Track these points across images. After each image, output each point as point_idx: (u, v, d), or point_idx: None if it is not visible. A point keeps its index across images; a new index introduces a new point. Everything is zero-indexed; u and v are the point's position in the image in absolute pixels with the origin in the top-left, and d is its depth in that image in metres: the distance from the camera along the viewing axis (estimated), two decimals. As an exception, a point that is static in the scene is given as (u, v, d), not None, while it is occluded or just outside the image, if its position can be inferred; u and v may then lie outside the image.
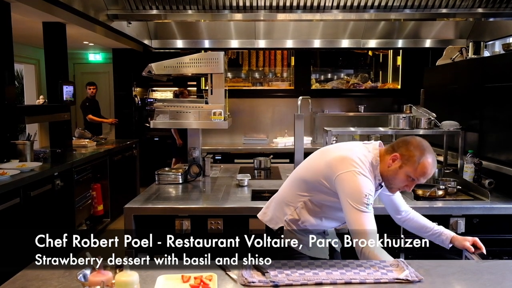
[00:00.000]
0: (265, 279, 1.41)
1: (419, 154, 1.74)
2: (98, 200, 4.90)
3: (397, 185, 1.80)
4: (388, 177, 1.80)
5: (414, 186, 1.79)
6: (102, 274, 1.10)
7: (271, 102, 5.74)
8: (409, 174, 1.75)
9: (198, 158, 3.12)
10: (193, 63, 2.91)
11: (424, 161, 1.73)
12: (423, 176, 1.74)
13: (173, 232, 2.41)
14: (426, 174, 1.74)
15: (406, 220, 2.00)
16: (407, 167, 1.75)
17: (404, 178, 1.77)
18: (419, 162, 1.73)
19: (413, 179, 1.76)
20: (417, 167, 1.73)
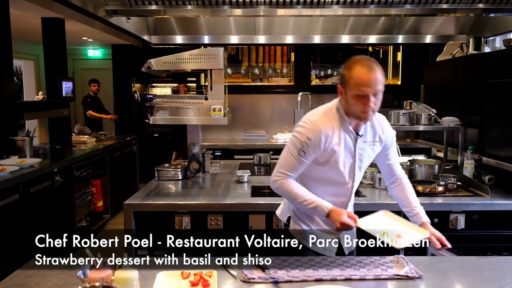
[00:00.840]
0: (265, 275, 1.41)
1: (348, 68, 1.70)
2: (98, 196, 4.90)
3: (357, 111, 1.71)
4: (349, 110, 1.75)
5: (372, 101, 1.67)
6: (101, 271, 1.10)
7: (271, 98, 5.73)
8: (352, 93, 1.69)
9: (197, 154, 3.11)
10: (192, 59, 2.90)
11: (354, 71, 1.67)
12: (362, 85, 1.65)
13: (173, 228, 2.41)
14: (363, 79, 1.65)
15: (397, 186, 1.95)
16: (347, 88, 1.70)
17: (354, 101, 1.70)
18: (350, 76, 1.68)
19: (358, 94, 1.67)
20: (351, 81, 1.68)
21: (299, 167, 1.81)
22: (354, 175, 1.85)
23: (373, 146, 1.86)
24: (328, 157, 1.80)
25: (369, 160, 1.89)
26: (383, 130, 1.88)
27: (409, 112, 3.02)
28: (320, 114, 1.82)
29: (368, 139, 1.86)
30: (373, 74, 1.66)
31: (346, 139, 1.80)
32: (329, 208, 1.73)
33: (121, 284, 1.00)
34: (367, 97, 1.67)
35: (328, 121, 1.79)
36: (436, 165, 2.82)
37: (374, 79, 1.66)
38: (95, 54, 8.88)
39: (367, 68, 1.67)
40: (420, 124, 3.00)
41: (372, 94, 1.66)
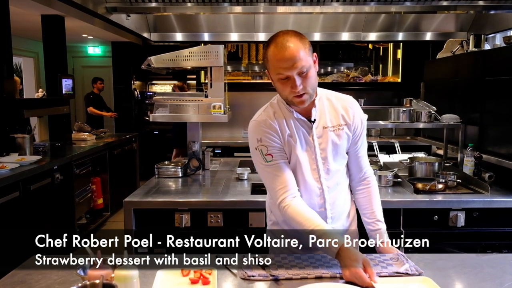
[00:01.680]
0: (265, 273, 1.41)
1: (265, 49, 1.49)
2: (97, 194, 4.91)
3: (288, 96, 1.50)
4: (281, 96, 1.57)
5: (298, 82, 1.44)
6: (101, 268, 1.10)
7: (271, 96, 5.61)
8: (274, 76, 1.48)
9: (197, 152, 3.11)
10: (192, 56, 2.89)
11: (269, 52, 1.46)
12: (279, 67, 1.43)
13: (173, 226, 2.42)
14: (277, 60, 1.43)
15: (364, 190, 1.69)
16: (270, 73, 1.50)
17: (280, 86, 1.49)
18: (267, 58, 1.47)
19: (280, 78, 1.46)
20: (270, 64, 1.47)
21: (283, 173, 1.56)
22: (318, 168, 1.60)
23: (340, 131, 1.60)
24: (288, 152, 1.60)
25: (339, 149, 1.62)
26: (348, 111, 1.62)
27: (409, 110, 3.02)
28: (258, 113, 1.67)
29: (329, 124, 1.60)
30: (287, 52, 1.42)
31: (299, 129, 1.59)
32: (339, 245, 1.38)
33: (121, 282, 1.00)
34: (291, 79, 1.44)
35: (269, 114, 1.61)
36: (436, 163, 2.82)
37: (290, 56, 1.41)
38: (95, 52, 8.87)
39: (280, 46, 1.43)
40: (420, 121, 3.00)
41: (296, 73, 1.43)
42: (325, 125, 1.60)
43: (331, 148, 1.60)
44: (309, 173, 1.61)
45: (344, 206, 1.71)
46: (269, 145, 1.57)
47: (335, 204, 1.66)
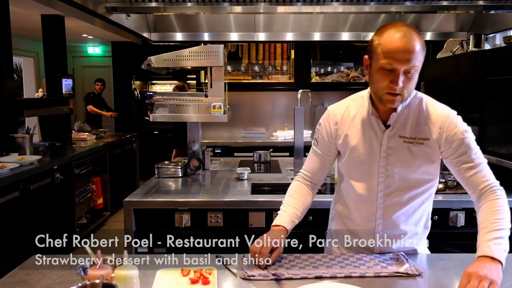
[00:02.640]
0: (266, 273, 1.41)
1: (378, 33, 1.36)
2: (97, 194, 4.91)
3: (380, 90, 1.36)
4: (372, 89, 1.43)
5: (401, 79, 1.32)
6: (101, 268, 1.10)
7: (271, 96, 5.73)
8: (378, 64, 1.34)
9: (197, 152, 3.11)
10: (192, 56, 2.89)
11: (384, 35, 1.33)
12: (391, 54, 1.30)
13: (173, 226, 2.42)
14: (393, 47, 1.30)
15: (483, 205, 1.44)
16: (373, 58, 1.37)
17: (379, 76, 1.35)
18: (379, 42, 1.34)
19: (385, 68, 1.33)
20: (379, 49, 1.33)
21: (314, 161, 1.64)
22: (379, 178, 1.49)
23: (416, 146, 1.44)
24: (344, 149, 1.54)
25: (407, 164, 1.46)
26: (435, 125, 1.44)
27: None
28: (346, 98, 1.61)
29: (407, 134, 1.45)
30: (408, 43, 1.29)
31: (368, 130, 1.48)
32: (273, 224, 1.57)
33: (121, 282, 1.00)
34: (396, 73, 1.32)
35: (344, 105, 1.56)
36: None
37: (409, 48, 1.29)
38: (95, 51, 8.88)
39: (402, 34, 1.30)
40: (420, 121, 3.00)
41: (403, 70, 1.31)
42: (402, 134, 1.46)
43: (400, 161, 1.46)
44: (366, 180, 1.52)
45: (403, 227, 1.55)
46: (320, 133, 1.60)
47: (389, 222, 1.53)
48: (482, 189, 1.44)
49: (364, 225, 1.57)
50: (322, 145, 1.61)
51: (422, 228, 1.61)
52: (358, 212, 1.58)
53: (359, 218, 1.59)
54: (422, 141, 1.44)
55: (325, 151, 1.61)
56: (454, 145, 1.43)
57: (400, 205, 1.53)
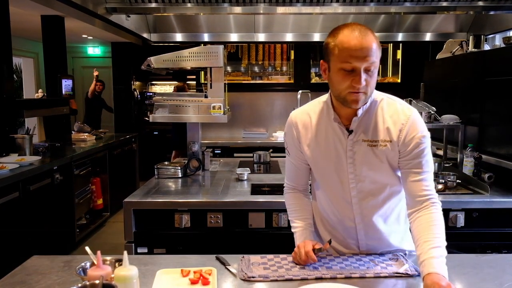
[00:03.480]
0: (265, 274, 1.41)
1: (332, 35, 1.34)
2: (97, 194, 4.91)
3: (343, 91, 1.34)
4: (333, 92, 1.40)
5: (362, 78, 1.30)
6: (101, 269, 1.10)
7: (270, 96, 5.73)
8: (337, 66, 1.32)
9: (197, 152, 3.11)
10: (192, 57, 2.90)
11: (340, 36, 1.31)
12: (350, 54, 1.28)
13: (173, 226, 2.42)
14: (351, 46, 1.28)
15: (414, 217, 1.42)
16: (331, 60, 1.34)
17: (339, 77, 1.33)
18: (335, 43, 1.31)
19: (344, 68, 1.31)
20: (336, 50, 1.31)
21: (293, 171, 1.64)
22: (349, 184, 1.49)
23: (377, 148, 1.43)
24: (310, 157, 1.53)
25: (374, 167, 1.45)
26: (396, 126, 1.42)
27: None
28: (308, 103, 1.58)
29: (369, 137, 1.43)
30: (365, 40, 1.29)
31: (332, 136, 1.47)
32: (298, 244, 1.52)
33: (121, 282, 1.00)
34: (357, 72, 1.30)
35: (304, 112, 1.53)
36: (436, 163, 2.82)
37: (366, 46, 1.28)
38: (94, 52, 8.88)
39: (358, 32, 1.29)
40: (420, 122, 3.00)
41: (364, 68, 1.29)
42: (365, 138, 1.44)
43: (365, 165, 1.45)
44: (338, 186, 1.52)
45: (384, 227, 1.56)
46: (288, 142, 1.59)
47: (369, 224, 1.54)
48: (421, 198, 1.41)
49: (345, 230, 1.59)
50: (293, 155, 1.59)
51: (403, 224, 1.61)
52: (336, 218, 1.59)
53: (338, 224, 1.59)
54: (385, 143, 1.42)
55: (299, 160, 1.59)
56: (409, 148, 1.41)
57: (377, 207, 1.53)
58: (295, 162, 1.60)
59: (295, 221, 1.62)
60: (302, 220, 1.61)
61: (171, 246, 2.45)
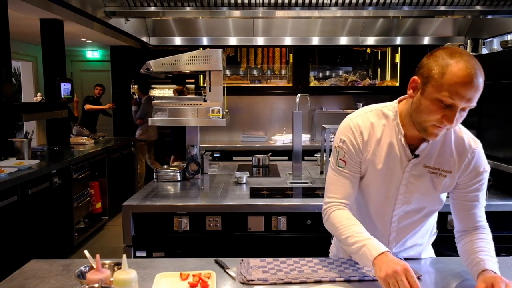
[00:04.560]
0: (264, 277, 1.41)
1: (441, 62, 1.20)
2: (96, 198, 4.90)
3: (427, 122, 1.25)
4: (414, 115, 1.29)
5: (456, 116, 1.21)
6: (100, 272, 1.10)
7: (269, 100, 5.74)
8: (435, 95, 1.20)
9: (196, 156, 3.11)
10: (191, 60, 2.90)
11: (451, 67, 1.17)
12: (457, 90, 1.16)
13: (172, 230, 2.41)
14: (461, 83, 1.16)
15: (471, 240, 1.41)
16: (429, 86, 1.21)
17: (432, 107, 1.21)
18: (444, 71, 1.18)
19: (443, 101, 1.19)
20: (443, 80, 1.18)
21: (347, 185, 1.43)
22: (396, 204, 1.44)
23: (438, 177, 1.38)
24: (365, 169, 1.43)
25: (427, 194, 1.42)
26: (464, 159, 1.37)
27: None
28: (365, 111, 1.44)
29: (432, 164, 1.38)
30: (476, 81, 1.17)
31: (394, 155, 1.38)
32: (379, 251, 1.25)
33: (120, 286, 0.99)
34: (454, 109, 1.20)
35: (367, 120, 1.40)
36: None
37: (476, 88, 1.18)
38: (93, 56, 8.89)
39: (471, 70, 1.17)
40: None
41: (462, 107, 1.21)
42: (427, 164, 1.38)
43: (420, 191, 1.41)
44: (382, 202, 1.46)
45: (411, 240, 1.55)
46: (347, 149, 1.42)
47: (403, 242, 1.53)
48: (473, 226, 1.43)
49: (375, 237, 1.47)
50: (351, 164, 1.43)
51: (428, 238, 1.63)
52: (370, 231, 1.44)
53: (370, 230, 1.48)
54: (446, 173, 1.38)
55: (356, 169, 1.44)
56: (470, 182, 1.39)
57: (413, 225, 1.52)
58: (351, 173, 1.43)
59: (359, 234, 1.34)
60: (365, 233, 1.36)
61: (170, 249, 2.45)
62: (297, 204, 2.43)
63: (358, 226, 1.36)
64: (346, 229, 1.36)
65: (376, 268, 1.22)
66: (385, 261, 1.21)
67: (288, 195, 2.61)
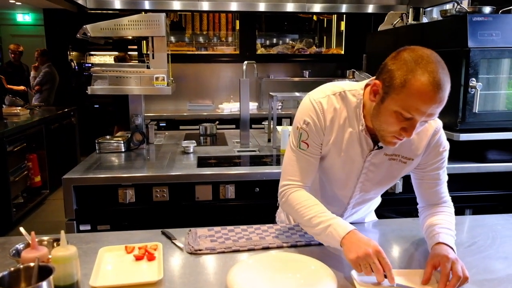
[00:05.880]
0: (213, 246, 1.41)
1: (404, 71, 1.11)
2: (34, 171, 4.66)
3: (386, 133, 1.20)
4: (374, 121, 1.24)
5: (414, 128, 1.15)
6: (36, 250, 1.04)
7: (216, 67, 5.63)
8: (394, 107, 1.14)
9: (141, 126, 3.01)
10: (132, 25, 2.75)
11: (415, 79, 1.09)
12: (417, 102, 1.09)
13: (117, 202, 2.34)
14: (423, 97, 1.08)
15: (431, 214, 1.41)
16: (390, 94, 1.14)
17: (391, 119, 1.16)
18: (405, 83, 1.10)
19: (403, 115, 1.13)
20: (403, 91, 1.10)
21: (306, 167, 1.38)
22: (354, 192, 1.46)
23: (398, 163, 1.37)
24: (324, 153, 1.39)
25: (388, 182, 1.44)
26: (424, 141, 1.34)
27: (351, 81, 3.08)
28: (329, 92, 1.35)
29: (391, 151, 1.35)
30: (439, 95, 1.09)
31: (356, 144, 1.34)
32: (345, 231, 1.22)
33: (59, 263, 0.94)
34: (413, 122, 1.14)
35: (332, 104, 1.33)
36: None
37: (439, 102, 1.10)
38: (25, 19, 8.24)
39: (435, 84, 1.08)
40: (362, 92, 3.07)
41: (423, 120, 1.15)
42: (387, 152, 1.35)
43: (380, 178, 1.41)
44: (340, 189, 1.47)
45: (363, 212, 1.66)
46: (311, 134, 1.35)
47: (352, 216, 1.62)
48: (436, 202, 1.44)
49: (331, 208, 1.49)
50: (313, 146, 1.37)
51: (373, 206, 1.74)
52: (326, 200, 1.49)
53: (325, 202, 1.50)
54: (406, 160, 1.36)
55: (317, 152, 1.39)
56: (432, 162, 1.38)
57: (366, 205, 1.61)
58: (312, 155, 1.38)
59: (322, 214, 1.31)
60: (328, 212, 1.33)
61: (116, 222, 2.38)
62: (245, 172, 2.43)
63: (320, 206, 1.33)
64: (308, 210, 1.32)
65: (345, 248, 1.19)
66: (355, 241, 1.18)
67: (236, 163, 2.61)
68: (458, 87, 2.43)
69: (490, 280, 1.21)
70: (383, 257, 1.14)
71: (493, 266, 1.30)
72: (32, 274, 0.91)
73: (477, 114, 2.44)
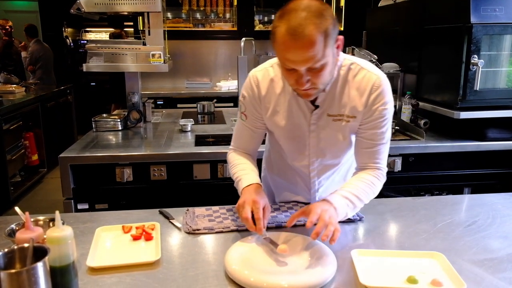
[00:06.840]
0: (211, 226, 1.40)
1: (274, 23, 1.16)
2: (32, 150, 4.63)
3: (290, 83, 1.25)
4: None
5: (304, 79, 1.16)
6: (31, 231, 1.02)
7: (213, 44, 5.54)
8: (279, 59, 1.20)
9: (138, 104, 2.97)
10: (127, 0, 2.68)
11: (278, 31, 1.12)
12: (284, 54, 1.13)
13: (114, 181, 2.33)
14: (285, 49, 1.12)
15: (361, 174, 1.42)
16: (275, 50, 1.18)
17: (284, 72, 1.22)
18: (275, 37, 1.14)
19: (286, 67, 1.17)
20: (275, 46, 1.15)
21: (246, 136, 1.49)
22: (310, 158, 1.46)
23: (341, 123, 1.35)
24: (271, 126, 1.44)
25: (340, 144, 1.41)
26: (363, 98, 1.31)
27: (351, 58, 3.03)
28: (268, 64, 1.40)
29: (335, 112, 1.34)
30: (299, 42, 1.09)
31: (296, 109, 1.36)
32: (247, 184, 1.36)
33: (54, 244, 0.93)
34: (298, 73, 1.16)
35: (268, 75, 1.38)
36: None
37: (302, 50, 1.10)
38: (18, -6, 8.06)
39: (292, 32, 1.09)
40: (362, 70, 3.03)
41: (306, 69, 1.15)
42: (330, 113, 1.34)
43: (330, 140, 1.39)
44: (297, 160, 1.48)
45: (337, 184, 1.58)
46: (247, 104, 1.43)
47: (319, 192, 1.57)
48: (369, 166, 1.41)
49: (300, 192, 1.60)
50: (251, 119, 1.45)
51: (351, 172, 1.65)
52: (292, 183, 1.60)
53: (294, 187, 1.61)
54: (349, 118, 1.34)
55: (257, 124, 1.47)
56: (370, 118, 1.33)
57: (334, 176, 1.57)
58: (251, 127, 1.47)
59: (242, 169, 1.45)
60: (248, 168, 1.45)
61: (114, 201, 2.37)
62: (243, 151, 2.41)
63: (244, 164, 1.46)
64: (234, 167, 1.48)
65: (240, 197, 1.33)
66: (246, 192, 1.33)
67: (234, 142, 2.58)
68: (460, 64, 2.39)
69: (490, 260, 1.21)
70: (257, 208, 1.24)
71: (493, 245, 1.30)
72: (27, 255, 0.90)
73: (478, 92, 2.41)
